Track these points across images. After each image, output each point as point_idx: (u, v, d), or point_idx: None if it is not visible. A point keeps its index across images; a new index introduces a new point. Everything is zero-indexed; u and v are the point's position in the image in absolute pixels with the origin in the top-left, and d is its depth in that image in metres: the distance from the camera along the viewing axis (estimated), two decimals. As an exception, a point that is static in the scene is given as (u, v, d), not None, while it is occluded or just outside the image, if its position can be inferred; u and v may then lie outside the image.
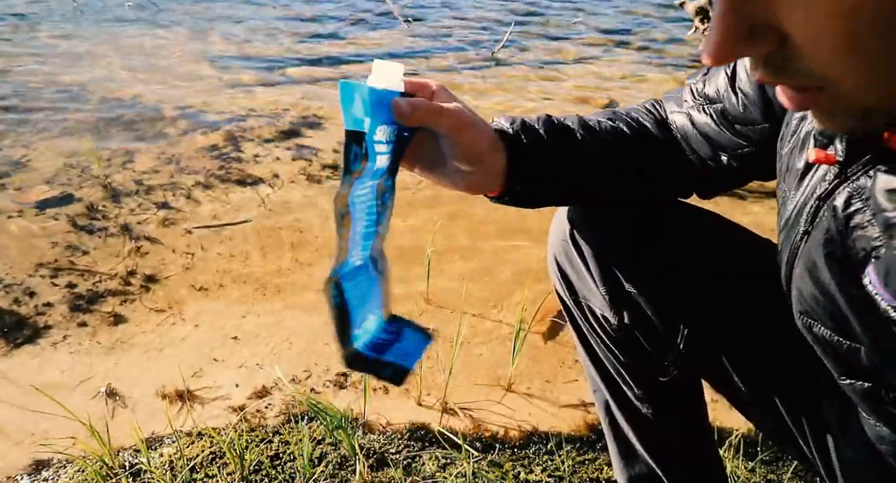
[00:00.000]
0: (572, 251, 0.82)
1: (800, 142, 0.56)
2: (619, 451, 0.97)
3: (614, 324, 0.82)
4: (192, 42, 3.93)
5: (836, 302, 0.49)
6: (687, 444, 0.95)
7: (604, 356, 0.90)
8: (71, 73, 3.27)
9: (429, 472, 1.20)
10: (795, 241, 0.54)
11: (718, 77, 0.73)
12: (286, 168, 2.39)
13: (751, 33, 0.36)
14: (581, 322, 0.89)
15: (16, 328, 1.57)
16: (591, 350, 0.91)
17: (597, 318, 0.85)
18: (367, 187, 0.61)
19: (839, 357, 0.52)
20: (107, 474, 1.17)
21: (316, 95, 3.13)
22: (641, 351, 0.84)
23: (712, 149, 0.74)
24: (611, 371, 0.90)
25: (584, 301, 0.86)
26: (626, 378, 0.89)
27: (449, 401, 1.38)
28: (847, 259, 0.47)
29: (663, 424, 0.90)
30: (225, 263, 1.84)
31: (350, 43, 4.07)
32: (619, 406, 0.92)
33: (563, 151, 0.70)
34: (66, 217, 2.02)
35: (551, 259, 0.88)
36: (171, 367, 1.45)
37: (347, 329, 0.61)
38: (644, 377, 0.88)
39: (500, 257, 1.90)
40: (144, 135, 2.62)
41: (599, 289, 0.80)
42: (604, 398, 0.94)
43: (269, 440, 1.26)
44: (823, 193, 0.50)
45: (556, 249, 0.86)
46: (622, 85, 3.46)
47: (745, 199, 2.30)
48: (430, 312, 1.66)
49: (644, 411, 0.90)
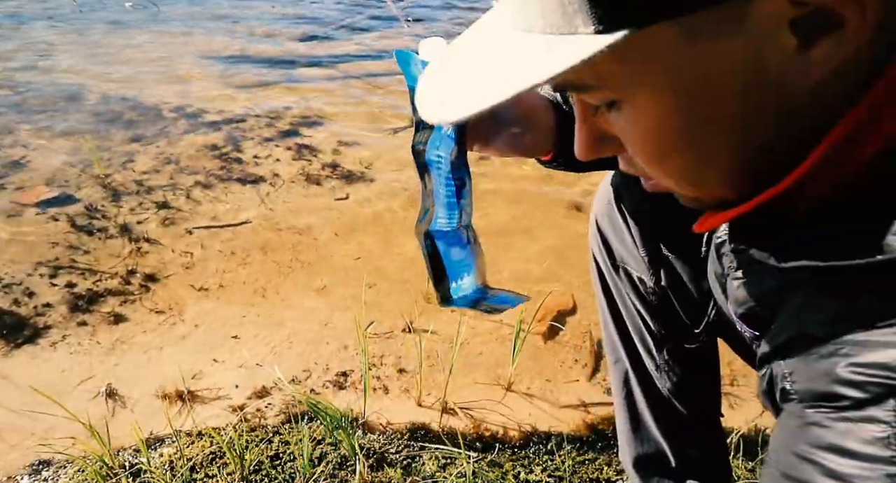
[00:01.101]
0: (615, 214, 0.85)
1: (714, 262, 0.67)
2: (631, 426, 0.98)
3: (651, 286, 0.85)
4: (192, 42, 3.93)
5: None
6: (698, 423, 0.96)
7: (631, 323, 0.92)
8: (71, 73, 3.27)
9: (429, 472, 1.20)
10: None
11: None
12: (286, 168, 2.39)
13: (601, 139, 0.47)
14: (614, 288, 0.92)
15: (16, 328, 1.57)
16: (619, 318, 0.93)
17: (633, 282, 0.88)
18: (441, 156, 0.64)
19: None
20: (107, 474, 1.17)
21: (316, 95, 3.13)
22: (673, 316, 0.86)
23: None
24: (636, 340, 0.92)
25: (621, 264, 0.89)
26: (650, 346, 0.91)
27: (449, 401, 1.38)
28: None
29: (679, 399, 0.92)
30: (225, 263, 1.84)
31: (350, 43, 4.07)
32: (638, 377, 0.94)
33: None
34: (66, 217, 2.02)
35: (593, 223, 0.91)
36: (171, 367, 1.45)
37: (444, 279, 0.64)
38: (668, 346, 0.90)
39: (499, 257, 1.89)
40: (144, 135, 2.62)
41: (640, 251, 0.83)
42: (623, 369, 0.95)
43: (269, 440, 1.26)
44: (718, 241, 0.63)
45: (599, 213, 0.89)
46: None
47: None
48: (430, 312, 1.66)
49: (661, 384, 0.92)
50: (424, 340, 1.42)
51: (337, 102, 3.05)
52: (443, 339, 1.55)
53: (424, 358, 1.41)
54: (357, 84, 3.33)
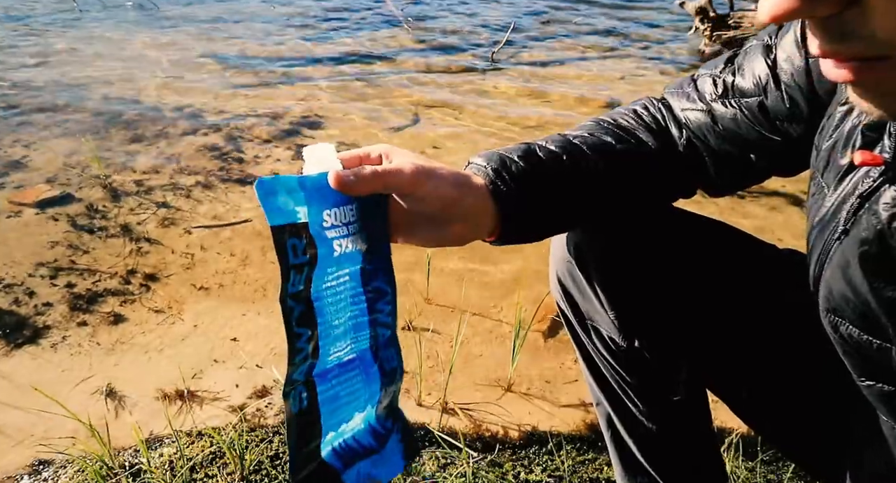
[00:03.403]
0: (577, 272, 0.78)
1: (843, 137, 0.54)
2: (622, 462, 0.95)
3: (623, 346, 0.80)
4: (192, 42, 3.93)
5: (868, 303, 0.48)
6: (691, 457, 0.93)
7: (608, 374, 0.87)
8: (71, 73, 3.27)
9: (429, 472, 1.20)
10: (830, 240, 0.52)
11: (755, 67, 0.66)
12: (286, 168, 2.39)
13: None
14: (585, 341, 0.87)
15: (16, 328, 1.57)
16: (595, 368, 0.89)
17: (603, 339, 0.83)
18: (344, 275, 0.55)
19: (865, 357, 0.51)
20: (107, 474, 1.17)
21: (316, 95, 3.13)
22: (649, 372, 0.82)
23: (739, 147, 0.69)
24: (615, 388, 0.88)
25: (589, 322, 0.83)
26: (631, 396, 0.87)
27: (449, 401, 1.38)
28: (886, 259, 0.45)
29: (667, 439, 0.89)
30: (225, 263, 1.84)
31: (350, 43, 4.07)
32: (623, 421, 0.90)
33: (550, 182, 0.66)
34: (66, 217, 2.02)
35: (553, 278, 0.85)
36: (171, 367, 1.45)
37: (311, 442, 0.54)
38: (649, 396, 0.86)
39: (499, 257, 1.89)
40: (144, 135, 2.62)
41: (608, 313, 0.77)
42: (606, 412, 0.92)
43: (269, 440, 1.26)
44: (866, 191, 0.48)
45: (559, 269, 0.83)
46: (622, 85, 3.46)
47: (743, 198, 2.30)
48: (430, 312, 1.66)
49: (648, 426, 0.88)
50: (424, 340, 1.42)
51: (337, 102, 3.06)
52: (443, 339, 1.55)
53: (424, 358, 1.41)
54: (357, 84, 3.33)
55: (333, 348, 0.55)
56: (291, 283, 0.54)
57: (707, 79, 0.71)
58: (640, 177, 0.71)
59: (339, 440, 0.57)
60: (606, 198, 0.70)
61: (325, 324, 0.55)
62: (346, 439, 0.57)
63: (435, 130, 2.80)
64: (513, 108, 3.09)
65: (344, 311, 0.56)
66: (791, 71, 0.63)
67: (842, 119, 0.55)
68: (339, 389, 0.56)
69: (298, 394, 0.53)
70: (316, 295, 0.54)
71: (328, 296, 0.55)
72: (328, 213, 0.54)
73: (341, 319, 0.56)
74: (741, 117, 0.67)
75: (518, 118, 2.95)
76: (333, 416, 0.55)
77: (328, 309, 0.55)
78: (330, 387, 0.55)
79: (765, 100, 0.65)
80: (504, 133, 2.79)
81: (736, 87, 0.68)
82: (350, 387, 0.57)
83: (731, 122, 0.68)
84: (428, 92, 3.24)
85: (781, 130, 0.65)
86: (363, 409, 0.58)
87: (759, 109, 0.66)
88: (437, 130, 2.80)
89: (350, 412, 0.57)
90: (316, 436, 0.54)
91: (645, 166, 0.71)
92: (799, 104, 0.63)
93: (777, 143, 0.66)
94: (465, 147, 2.64)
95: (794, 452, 0.79)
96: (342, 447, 0.57)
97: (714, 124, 0.70)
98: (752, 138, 0.67)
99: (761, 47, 0.67)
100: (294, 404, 0.53)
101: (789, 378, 0.72)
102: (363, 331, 0.57)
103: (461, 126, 2.85)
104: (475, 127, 2.85)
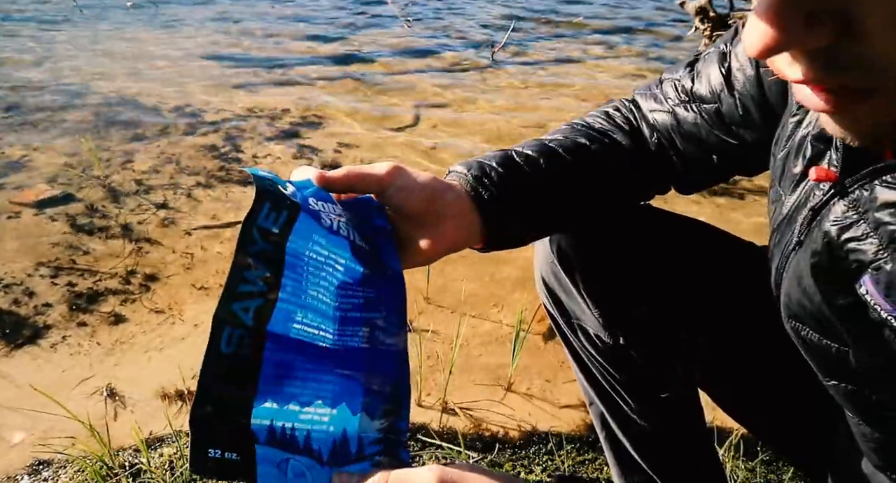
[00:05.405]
0: (561, 273, 0.79)
1: (795, 146, 0.55)
2: (618, 462, 0.96)
3: (609, 344, 0.81)
4: (192, 42, 3.93)
5: (823, 310, 0.49)
6: (686, 453, 0.94)
7: (598, 373, 0.88)
8: (71, 73, 3.27)
9: (429, 472, 1.20)
10: (787, 250, 0.54)
11: (711, 74, 0.69)
12: (286, 168, 2.39)
13: (807, 21, 0.32)
14: (573, 340, 0.87)
15: (16, 328, 1.57)
16: (585, 367, 0.90)
17: (589, 337, 0.84)
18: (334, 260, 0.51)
19: (826, 359, 0.52)
20: (107, 474, 1.17)
21: (316, 95, 3.13)
22: (637, 369, 0.83)
23: (701, 149, 0.72)
24: (606, 387, 0.89)
25: (575, 321, 0.84)
26: (622, 394, 0.88)
27: (449, 401, 1.38)
28: (835, 270, 0.46)
29: (662, 436, 0.89)
30: (225, 263, 1.84)
31: (350, 43, 4.07)
32: (616, 420, 0.91)
33: (530, 186, 0.67)
34: (66, 217, 2.02)
35: (538, 279, 0.86)
36: (171, 367, 1.45)
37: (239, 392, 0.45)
38: (640, 393, 0.87)
39: (499, 257, 1.89)
40: (144, 135, 2.62)
41: (593, 312, 0.78)
42: (599, 411, 0.93)
43: (269, 440, 1.26)
44: (817, 205, 0.49)
45: (543, 270, 0.84)
46: (622, 85, 3.46)
47: (743, 198, 2.30)
48: (430, 312, 1.66)
49: (641, 423, 0.89)
50: (424, 340, 1.42)
51: (337, 102, 3.06)
52: (443, 339, 1.55)
53: (424, 358, 1.41)
54: (357, 84, 3.33)
55: (300, 315, 0.48)
56: (264, 215, 0.47)
57: (669, 83, 0.74)
58: (616, 175, 0.73)
59: (285, 419, 0.46)
60: (585, 197, 0.72)
61: (295, 283, 0.48)
62: (295, 423, 0.47)
63: (435, 130, 2.80)
64: (513, 108, 3.09)
65: (326, 291, 0.50)
66: (743, 80, 0.66)
67: (793, 129, 0.56)
68: (298, 364, 0.48)
69: (238, 336, 0.46)
70: (293, 251, 0.48)
71: (310, 264, 0.49)
72: (314, 200, 0.53)
73: (317, 294, 0.49)
74: (701, 121, 0.70)
75: (518, 118, 2.95)
76: (280, 385, 0.47)
77: (305, 273, 0.49)
78: (285, 353, 0.47)
79: (720, 106, 0.68)
80: (504, 133, 2.79)
81: (695, 92, 0.71)
82: (318, 373, 0.48)
83: (692, 126, 0.71)
84: (428, 92, 3.24)
85: (737, 135, 0.68)
86: (332, 405, 0.48)
87: (716, 115, 0.69)
88: (438, 130, 2.80)
89: (309, 396, 0.47)
90: (245, 389, 0.46)
91: (619, 165, 0.73)
92: (751, 112, 0.66)
93: (735, 147, 0.69)
94: (466, 147, 2.64)
95: (785, 451, 0.79)
96: (283, 428, 0.46)
97: (679, 126, 0.72)
98: (711, 141, 0.70)
99: (718, 54, 0.70)
100: (226, 343, 0.45)
101: (772, 376, 0.73)
102: (356, 324, 0.51)
103: (462, 126, 2.85)
104: (476, 127, 2.85)
